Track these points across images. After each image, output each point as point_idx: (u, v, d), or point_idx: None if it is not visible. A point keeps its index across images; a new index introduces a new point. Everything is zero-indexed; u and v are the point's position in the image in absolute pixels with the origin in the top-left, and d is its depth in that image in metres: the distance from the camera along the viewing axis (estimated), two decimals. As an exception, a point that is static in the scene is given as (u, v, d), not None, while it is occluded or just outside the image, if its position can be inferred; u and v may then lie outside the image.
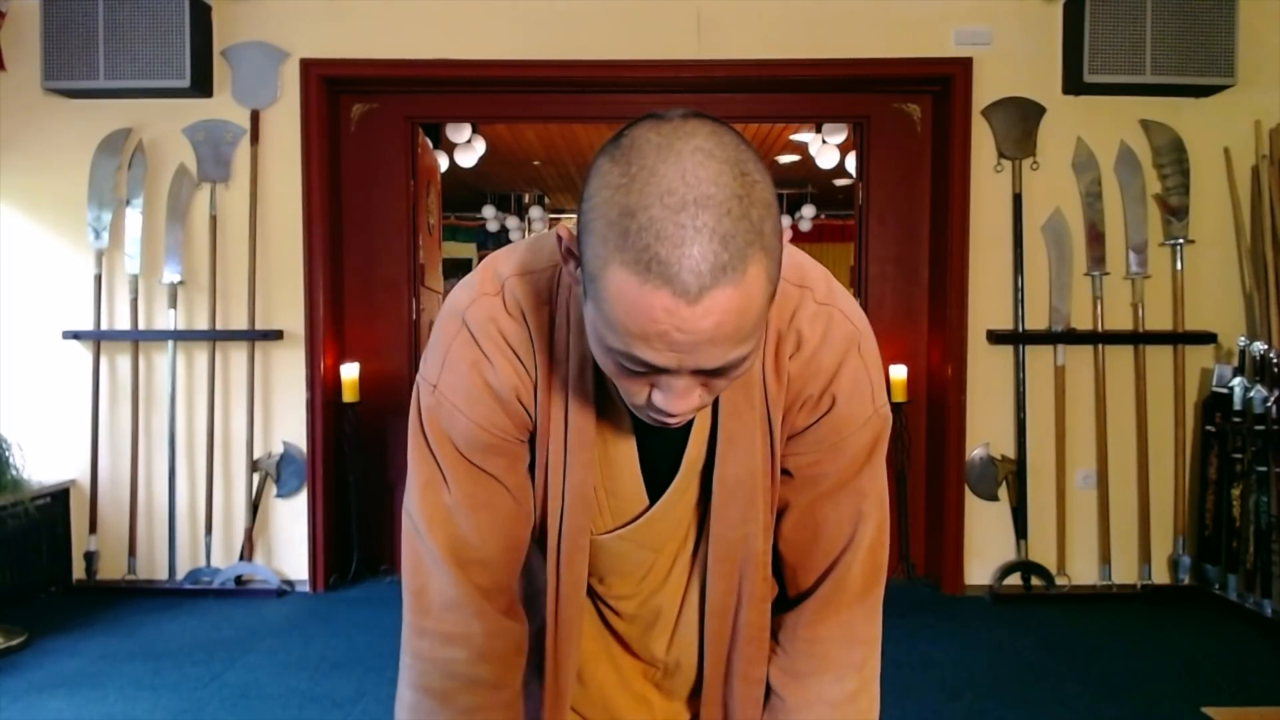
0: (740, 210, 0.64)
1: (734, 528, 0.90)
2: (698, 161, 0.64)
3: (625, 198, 0.64)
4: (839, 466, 0.90)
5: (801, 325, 0.85)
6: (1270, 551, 3.20)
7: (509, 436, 0.87)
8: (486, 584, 0.89)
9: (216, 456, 3.64)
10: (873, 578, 0.94)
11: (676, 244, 0.62)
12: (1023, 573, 3.61)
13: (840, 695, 0.92)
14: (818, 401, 0.87)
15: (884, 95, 3.78)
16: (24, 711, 2.54)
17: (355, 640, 3.10)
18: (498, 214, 8.59)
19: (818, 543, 0.92)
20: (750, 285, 0.65)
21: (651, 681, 1.04)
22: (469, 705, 0.89)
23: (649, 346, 0.66)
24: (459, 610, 0.88)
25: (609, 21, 3.58)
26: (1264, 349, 3.32)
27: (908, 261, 3.82)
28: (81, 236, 3.61)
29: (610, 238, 0.65)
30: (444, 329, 0.87)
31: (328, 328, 3.69)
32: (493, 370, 0.85)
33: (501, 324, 0.85)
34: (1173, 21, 3.37)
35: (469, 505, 0.87)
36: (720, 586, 0.92)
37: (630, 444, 0.90)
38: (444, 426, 0.86)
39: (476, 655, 0.89)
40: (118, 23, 3.40)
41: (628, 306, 0.65)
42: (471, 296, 0.86)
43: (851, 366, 0.87)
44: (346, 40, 3.59)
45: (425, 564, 0.89)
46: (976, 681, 2.75)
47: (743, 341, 0.68)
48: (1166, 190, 3.57)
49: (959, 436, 3.61)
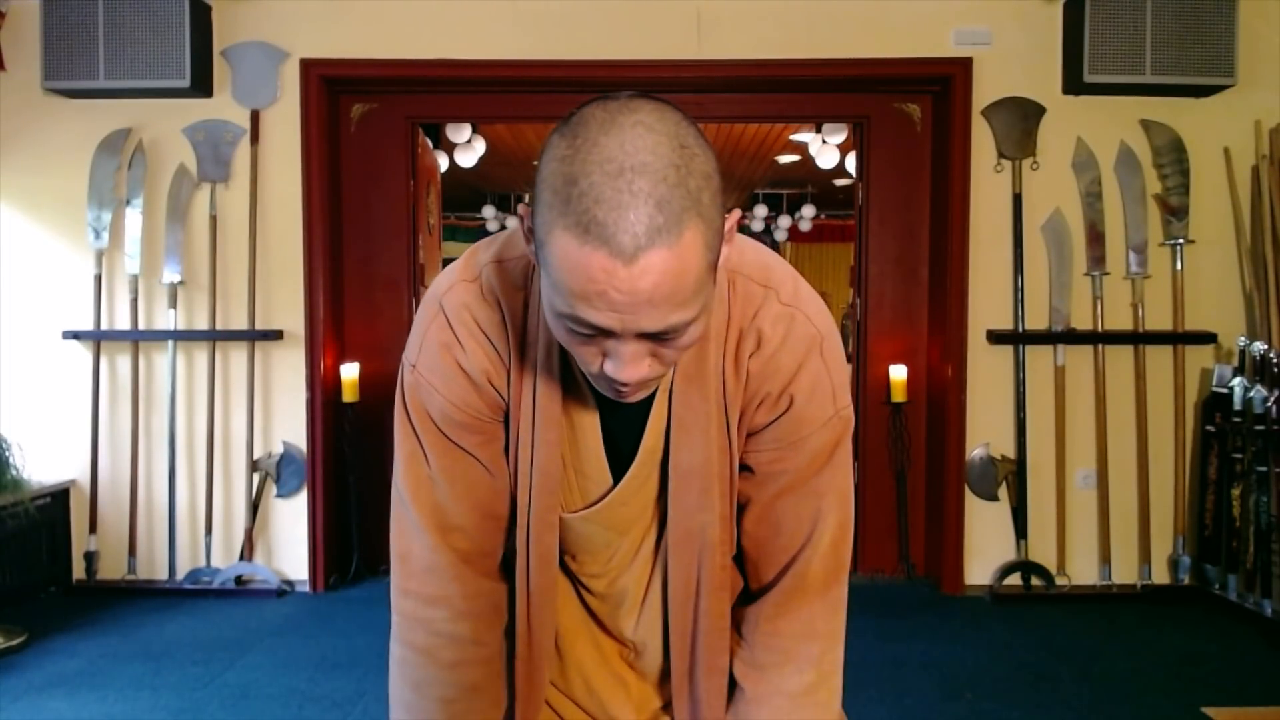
0: (677, 178, 0.67)
1: (690, 515, 0.93)
2: (638, 134, 0.68)
3: (569, 167, 0.68)
4: (799, 465, 0.92)
5: (763, 324, 0.89)
6: (1270, 551, 3.21)
7: (481, 415, 0.92)
8: (466, 548, 0.95)
9: (216, 456, 3.64)
10: (834, 574, 0.96)
11: (613, 207, 0.66)
12: (1023, 573, 3.61)
13: (799, 687, 0.95)
14: (776, 400, 0.90)
15: (884, 95, 3.78)
16: (24, 711, 2.54)
17: (355, 640, 3.10)
18: (498, 214, 8.59)
19: (778, 538, 0.95)
20: (685, 249, 0.68)
21: (626, 662, 1.07)
22: (451, 660, 0.95)
23: (591, 307, 0.69)
24: (439, 573, 0.94)
25: (609, 21, 3.58)
26: (1264, 349, 3.32)
27: (908, 261, 3.82)
28: (81, 236, 3.61)
29: (555, 204, 0.69)
30: (424, 312, 0.92)
31: (328, 328, 3.69)
32: (464, 354, 0.90)
33: (475, 310, 0.90)
34: (1173, 21, 3.37)
35: (446, 477, 0.93)
36: (680, 573, 0.95)
37: (595, 426, 0.93)
38: (423, 404, 0.93)
39: (456, 614, 0.95)
40: (118, 23, 3.40)
41: (570, 268, 0.68)
42: (450, 283, 0.91)
43: (812, 368, 0.89)
44: (346, 40, 3.59)
45: (409, 530, 0.95)
46: (976, 681, 2.75)
47: (681, 306, 0.70)
48: (1166, 190, 3.57)
49: (959, 436, 3.60)
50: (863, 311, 3.87)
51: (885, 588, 3.69)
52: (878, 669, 2.85)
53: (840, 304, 9.49)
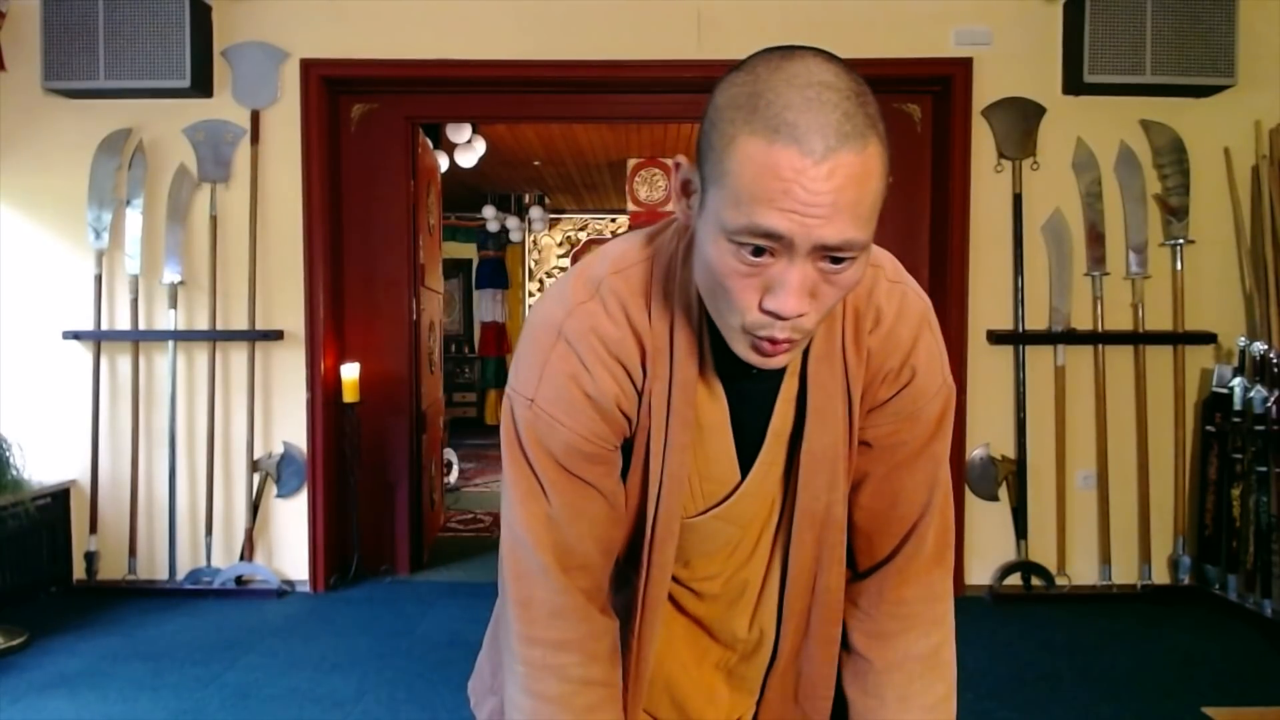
0: (859, 101, 0.70)
1: (818, 498, 0.93)
2: (819, 61, 0.71)
3: (753, 86, 0.70)
4: (915, 435, 0.94)
5: (880, 301, 0.90)
6: (1270, 551, 3.20)
7: (607, 444, 0.89)
8: (588, 586, 0.92)
9: (217, 457, 3.64)
10: (945, 540, 0.98)
11: (804, 110, 0.68)
12: (1023, 573, 3.61)
13: (927, 649, 0.96)
14: (898, 374, 0.92)
15: (884, 95, 3.73)
16: (24, 711, 2.54)
17: (355, 640, 3.10)
18: (498, 214, 8.59)
19: (895, 509, 0.96)
20: (870, 160, 0.69)
21: (723, 670, 1.05)
22: (585, 705, 0.91)
23: (774, 208, 0.68)
24: (567, 616, 0.91)
25: (609, 21, 3.58)
26: (1264, 349, 3.32)
27: (908, 261, 3.72)
28: (82, 237, 3.61)
29: (738, 118, 0.70)
30: (538, 341, 0.87)
31: (328, 328, 3.69)
32: (592, 381, 0.86)
33: (601, 331, 0.86)
34: (1173, 21, 3.37)
35: (569, 514, 0.89)
36: (802, 554, 0.95)
37: (725, 424, 0.92)
38: (542, 439, 0.88)
39: (588, 658, 0.92)
40: (118, 23, 3.40)
41: (755, 170, 0.68)
42: (567, 308, 0.87)
43: (926, 341, 0.92)
44: (346, 40, 3.59)
45: (531, 574, 0.91)
46: (976, 681, 2.75)
47: (859, 221, 0.71)
48: (1166, 190, 3.57)
49: (959, 436, 3.60)
50: (863, 311, 3.87)
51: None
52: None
53: (840, 304, 9.49)
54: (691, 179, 0.77)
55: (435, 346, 4.42)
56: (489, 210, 8.48)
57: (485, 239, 9.22)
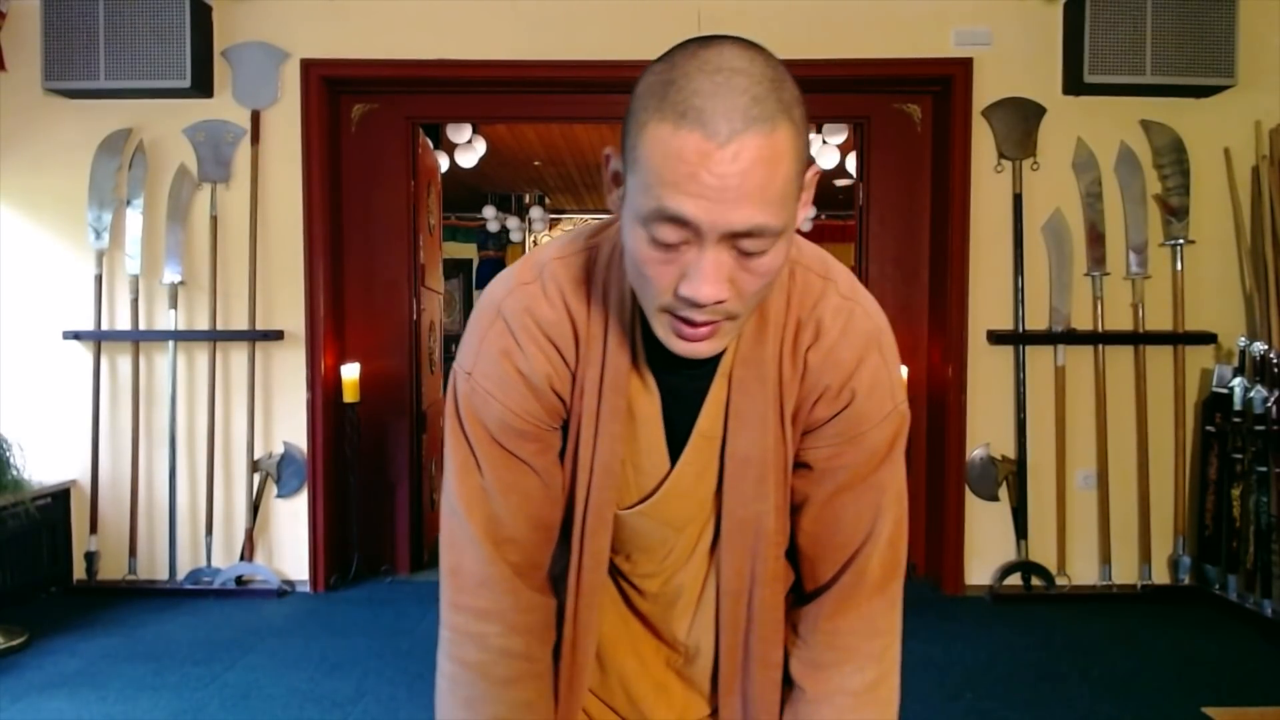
0: (771, 87, 0.69)
1: (746, 505, 0.92)
2: (736, 49, 0.71)
3: (668, 74, 0.71)
4: (858, 460, 0.91)
5: (823, 315, 0.88)
6: (1270, 551, 3.20)
7: (540, 423, 0.91)
8: (519, 561, 0.93)
9: (217, 457, 3.64)
10: (892, 571, 0.95)
11: (711, 95, 0.68)
12: (1023, 573, 3.61)
13: (860, 685, 0.94)
14: (837, 395, 0.89)
15: (884, 95, 3.78)
16: (24, 711, 2.54)
17: (355, 640, 3.10)
18: (498, 214, 8.59)
19: (836, 536, 0.94)
20: (778, 142, 0.69)
21: (673, 669, 1.06)
22: (503, 676, 0.93)
23: (680, 193, 0.68)
24: (492, 587, 0.92)
25: (609, 21, 3.58)
26: (1264, 349, 3.32)
27: (908, 261, 3.82)
28: (82, 237, 3.61)
29: (650, 105, 0.70)
30: (480, 319, 0.91)
31: (328, 328, 3.69)
32: (524, 358, 0.88)
33: (537, 312, 0.88)
34: (1173, 21, 3.37)
35: (501, 488, 0.91)
36: (733, 565, 0.94)
37: (657, 416, 0.92)
38: (478, 412, 0.90)
39: (509, 628, 0.93)
40: (118, 23, 3.40)
41: (662, 154, 0.69)
42: (508, 288, 0.90)
43: (872, 363, 0.89)
44: (346, 40, 3.59)
45: (461, 542, 0.93)
46: (976, 681, 2.75)
47: (770, 205, 0.70)
48: (1166, 190, 3.57)
49: (959, 436, 3.61)
50: (863, 312, 3.87)
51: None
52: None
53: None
54: (619, 170, 0.77)
55: (435, 346, 4.42)
56: (489, 210, 8.48)
57: (485, 239, 9.22)
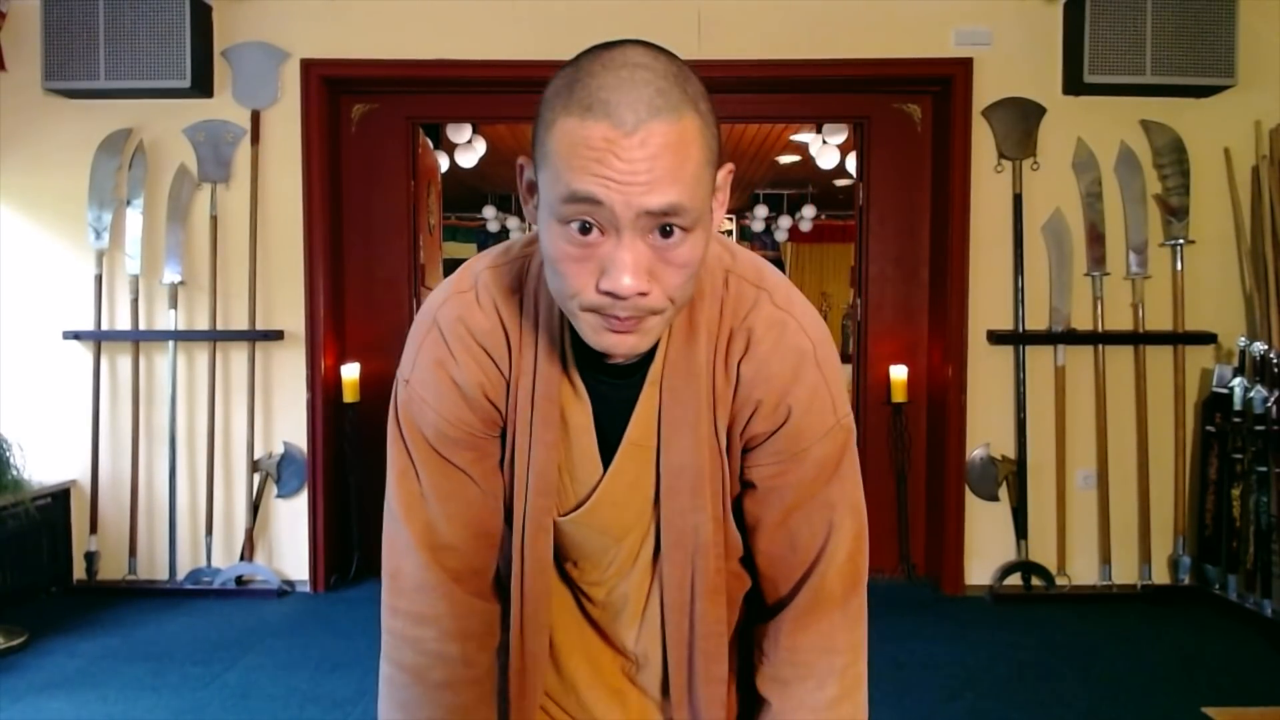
0: (675, 80, 0.71)
1: (683, 515, 0.92)
2: (639, 49, 0.73)
3: (573, 75, 0.72)
4: (804, 478, 0.91)
5: (755, 325, 0.88)
6: (1270, 551, 3.21)
7: (475, 431, 0.92)
8: (457, 567, 0.94)
9: (217, 457, 3.64)
10: (852, 586, 0.94)
11: (615, 88, 0.70)
12: (1023, 573, 3.61)
13: (822, 700, 0.93)
14: (773, 410, 0.89)
15: (884, 95, 3.78)
16: (24, 711, 2.54)
17: (355, 640, 3.10)
18: (498, 214, 8.58)
19: (792, 554, 0.94)
20: (685, 130, 0.71)
21: (627, 676, 1.06)
22: (439, 680, 0.94)
23: (587, 174, 0.70)
24: (428, 592, 0.93)
25: (609, 21, 3.58)
26: (1264, 349, 3.32)
27: (908, 261, 3.82)
28: (82, 237, 3.61)
29: (557, 104, 0.72)
30: (418, 328, 0.92)
31: (328, 328, 3.69)
32: (458, 368, 0.89)
33: (470, 321, 0.89)
34: (1173, 21, 3.37)
35: (438, 495, 0.92)
36: (675, 577, 0.94)
37: (588, 424, 0.92)
38: (415, 420, 0.92)
39: (444, 634, 0.94)
40: (118, 23, 3.40)
41: (570, 144, 0.70)
42: (444, 296, 0.91)
43: (808, 378, 0.88)
44: (346, 40, 3.59)
45: (399, 548, 0.94)
46: (976, 681, 2.75)
47: (682, 185, 0.71)
48: (1166, 190, 3.57)
49: (959, 436, 3.61)
50: (863, 312, 3.87)
51: (885, 588, 3.69)
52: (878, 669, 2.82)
53: (840, 304, 9.50)
54: (533, 179, 0.78)
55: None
56: (489, 210, 8.48)
57: (485, 239, 9.21)
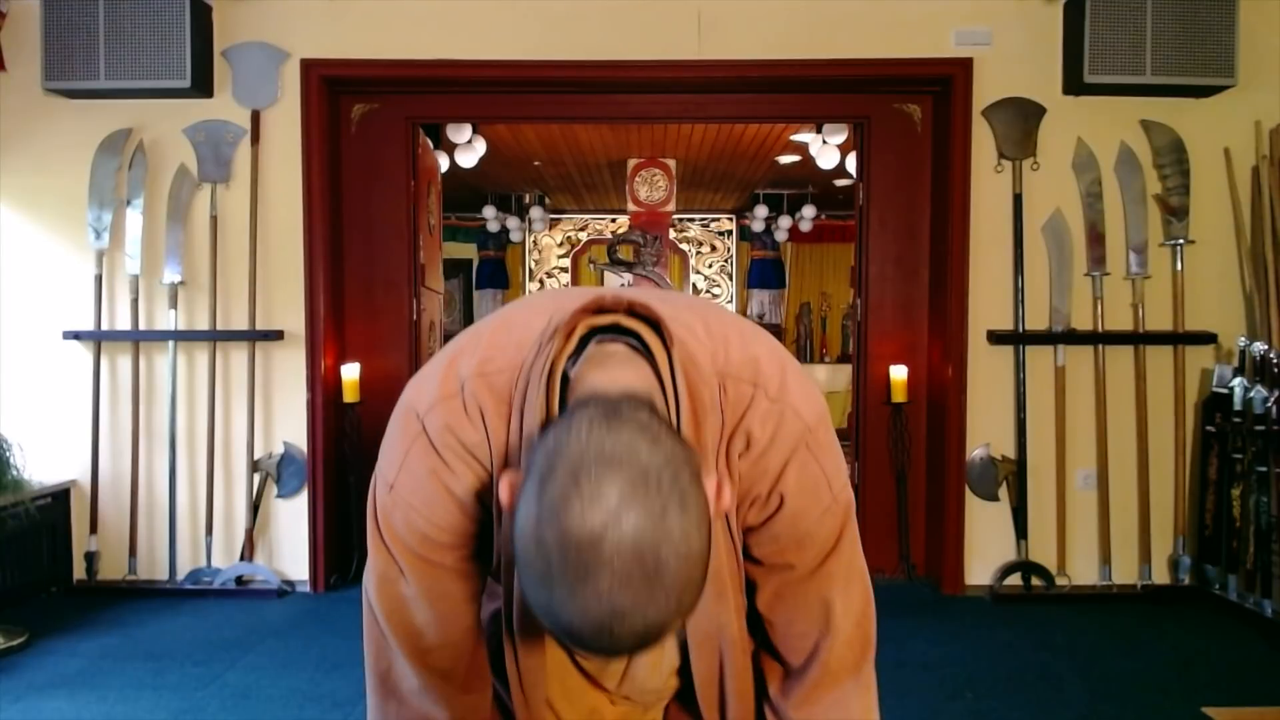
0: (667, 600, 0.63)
1: (710, 617, 0.91)
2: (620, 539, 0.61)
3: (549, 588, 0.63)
4: (805, 559, 0.91)
5: (752, 425, 0.86)
6: (1270, 551, 3.20)
7: (466, 535, 0.89)
8: (446, 665, 0.92)
9: (217, 457, 3.64)
10: (861, 654, 0.95)
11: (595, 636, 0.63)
12: (1023, 573, 3.61)
13: None
14: (765, 501, 0.89)
15: (884, 95, 3.78)
16: (24, 711, 2.53)
17: (356, 640, 3.06)
18: (498, 214, 8.59)
19: (794, 625, 0.94)
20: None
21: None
22: None
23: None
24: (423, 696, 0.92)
25: (609, 21, 3.58)
26: (1264, 349, 3.32)
27: (908, 261, 3.82)
28: (82, 237, 3.61)
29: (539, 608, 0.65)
30: (404, 429, 0.88)
31: (328, 328, 3.69)
32: (454, 477, 0.86)
33: (460, 431, 0.86)
34: (1173, 21, 3.37)
35: (427, 598, 0.90)
36: (704, 662, 0.93)
37: None
38: (400, 527, 0.88)
39: None
40: (118, 23, 3.40)
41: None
42: (430, 400, 0.87)
43: (799, 463, 0.88)
44: (347, 40, 3.59)
45: (388, 651, 0.93)
46: (976, 681, 2.75)
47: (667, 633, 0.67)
48: (1167, 190, 3.57)
49: (959, 436, 3.60)
50: (863, 312, 3.87)
51: (886, 588, 3.67)
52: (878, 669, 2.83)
53: (840, 304, 9.50)
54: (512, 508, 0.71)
55: (435, 346, 4.42)
56: (489, 210, 8.48)
57: (485, 239, 9.22)
